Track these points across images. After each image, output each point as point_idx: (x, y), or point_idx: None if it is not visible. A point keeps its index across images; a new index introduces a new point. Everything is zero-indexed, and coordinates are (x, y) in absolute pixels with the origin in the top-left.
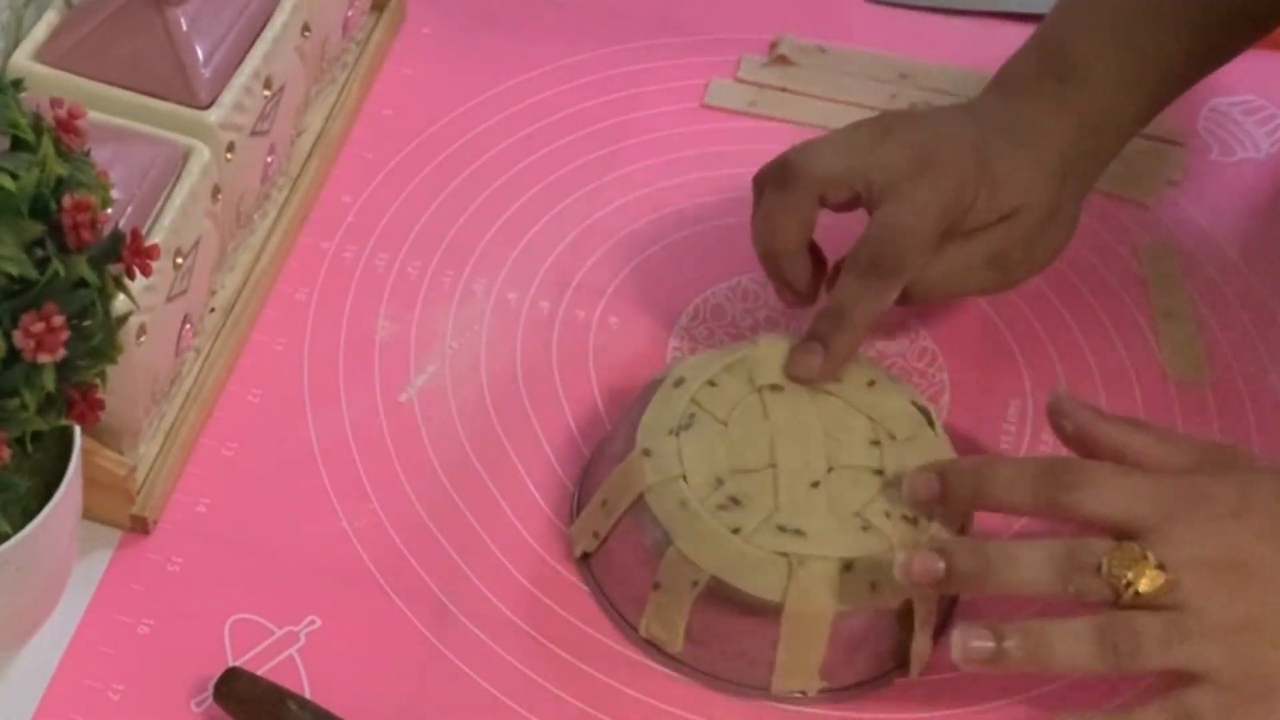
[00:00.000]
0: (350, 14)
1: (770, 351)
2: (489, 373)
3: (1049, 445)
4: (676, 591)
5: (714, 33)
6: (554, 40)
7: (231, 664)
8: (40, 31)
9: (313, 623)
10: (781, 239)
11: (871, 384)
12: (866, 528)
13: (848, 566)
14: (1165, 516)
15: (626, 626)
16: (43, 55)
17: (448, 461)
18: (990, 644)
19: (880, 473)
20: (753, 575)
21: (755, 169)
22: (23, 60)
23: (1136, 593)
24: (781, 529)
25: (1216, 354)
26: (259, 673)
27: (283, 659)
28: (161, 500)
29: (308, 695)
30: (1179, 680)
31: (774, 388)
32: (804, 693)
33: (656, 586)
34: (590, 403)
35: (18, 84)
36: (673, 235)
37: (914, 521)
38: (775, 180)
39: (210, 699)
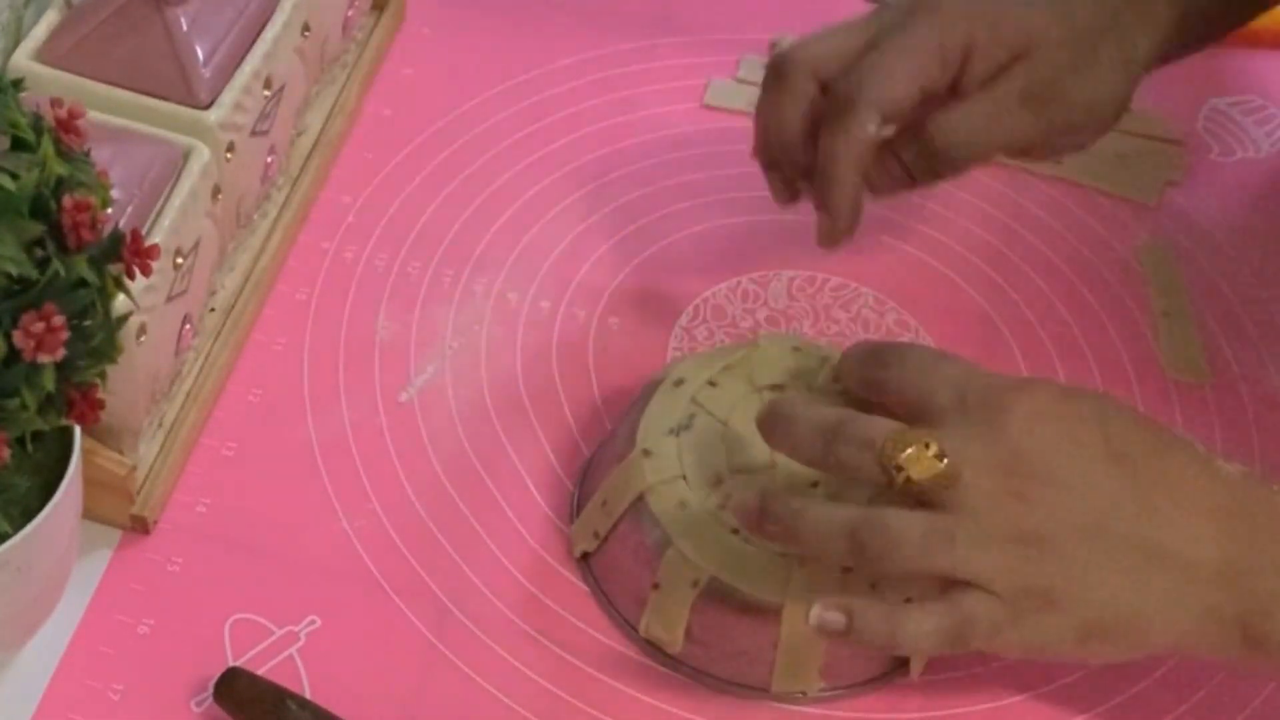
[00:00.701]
0: (350, 14)
1: (770, 352)
2: (489, 373)
3: None
4: (677, 591)
5: (714, 33)
6: (554, 40)
7: (231, 664)
8: (40, 31)
9: (313, 623)
10: (777, 126)
11: None
12: None
13: (848, 567)
14: (961, 407)
15: (626, 626)
16: (43, 55)
17: (448, 461)
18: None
19: None
20: (753, 575)
21: (755, 169)
22: (23, 60)
23: (909, 479)
24: None
25: (1216, 354)
26: (259, 673)
27: (283, 659)
28: (161, 500)
29: (308, 695)
30: (955, 585)
31: (774, 388)
32: (804, 693)
33: (656, 586)
34: (590, 403)
35: (18, 84)
36: (673, 235)
37: None
38: (771, 70)
39: (210, 699)
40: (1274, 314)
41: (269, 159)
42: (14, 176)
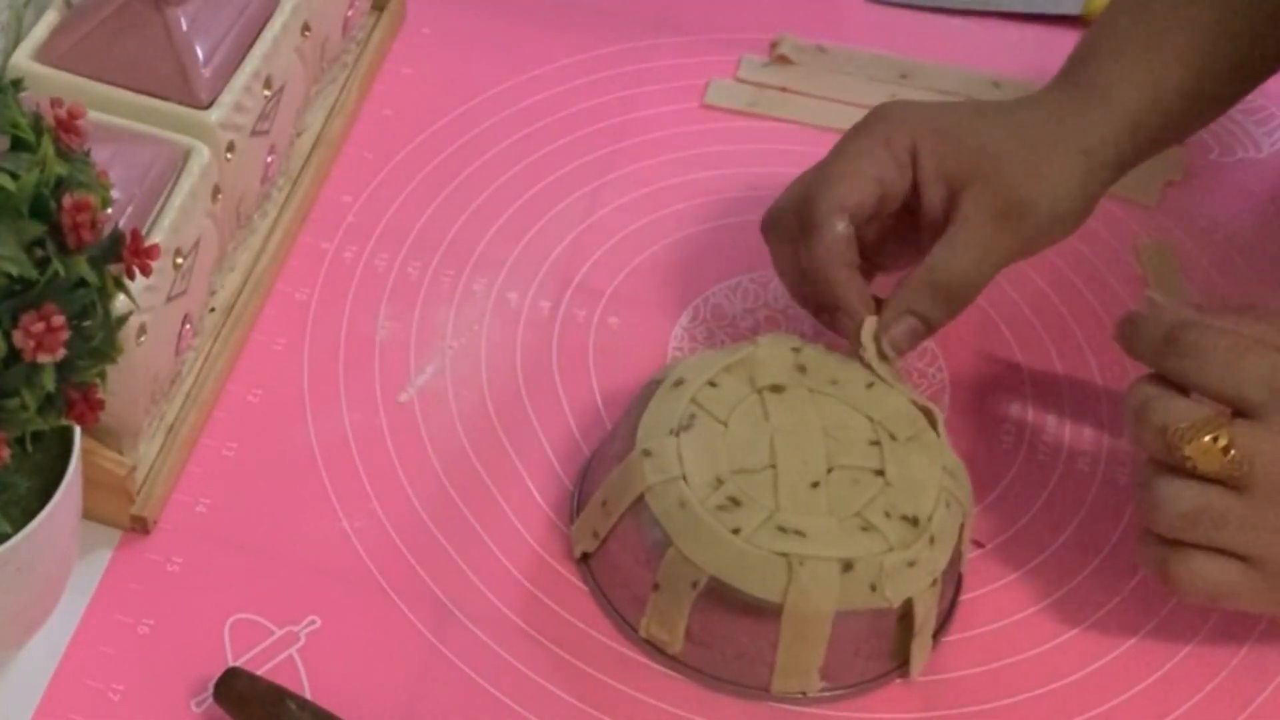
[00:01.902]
0: (350, 14)
1: (771, 352)
2: (489, 373)
3: (1049, 445)
4: (676, 592)
5: (714, 33)
6: (554, 40)
7: (231, 664)
8: (40, 31)
9: (313, 623)
10: (832, 289)
11: (871, 385)
12: (866, 528)
13: (848, 567)
14: (1268, 398)
15: (626, 627)
16: (43, 55)
17: (448, 461)
18: None
19: (880, 473)
20: (753, 576)
21: (755, 169)
22: (23, 60)
23: (1196, 467)
24: (781, 529)
25: None
26: (259, 673)
27: (283, 659)
28: (161, 500)
29: (308, 695)
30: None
31: (774, 388)
32: (804, 693)
33: (656, 587)
34: (590, 403)
35: (18, 84)
36: (673, 235)
37: (914, 522)
38: (784, 229)
39: (210, 699)
40: None
41: (269, 159)
42: (14, 176)
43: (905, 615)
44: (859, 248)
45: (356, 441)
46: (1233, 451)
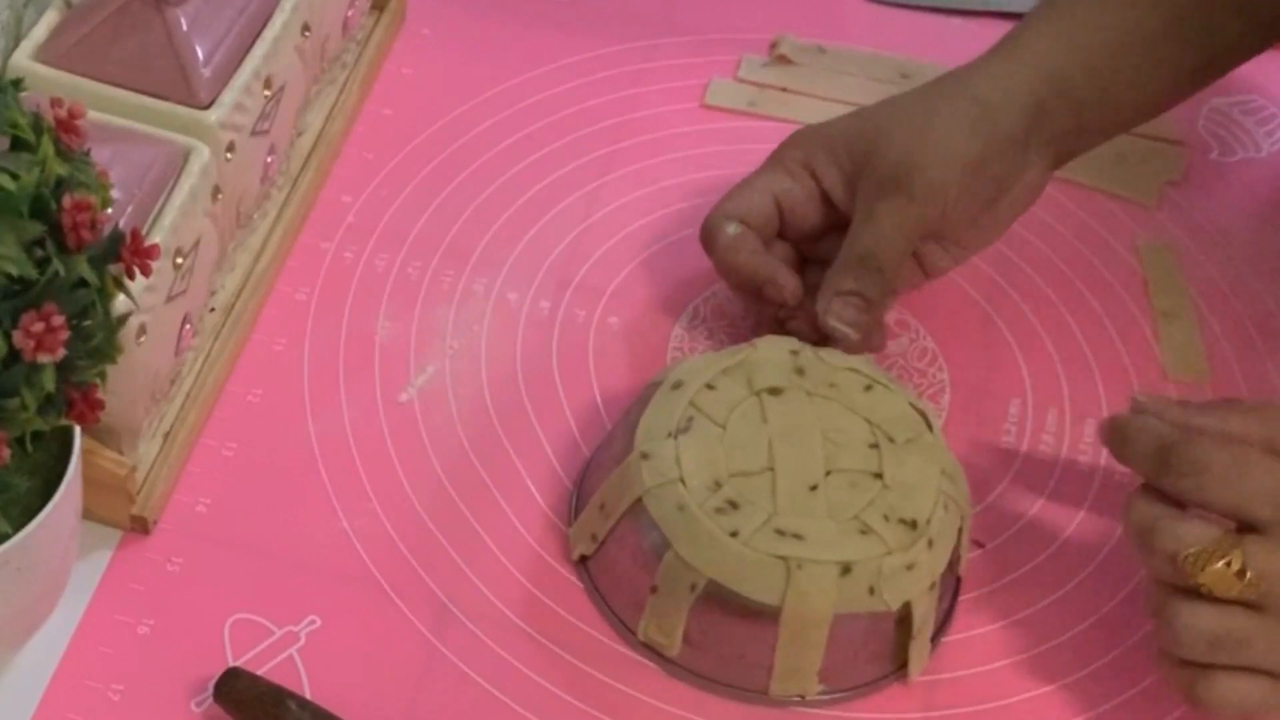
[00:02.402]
0: (350, 14)
1: (769, 354)
2: (489, 373)
3: (1049, 445)
4: (674, 595)
5: (714, 33)
6: (554, 40)
7: (231, 664)
8: (40, 31)
9: (313, 623)
10: (738, 273)
11: (869, 388)
12: (865, 531)
13: (846, 570)
14: (1273, 520)
15: (624, 630)
16: (43, 55)
17: (448, 461)
18: None
19: (879, 476)
20: (751, 579)
21: (755, 169)
22: (23, 60)
23: (1211, 592)
24: (780, 532)
25: (1216, 354)
26: (259, 673)
27: (283, 659)
28: (161, 500)
29: (308, 695)
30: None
31: (772, 391)
32: (802, 696)
33: (654, 590)
34: (590, 403)
35: (18, 84)
36: (673, 235)
37: (912, 525)
38: (703, 242)
39: (210, 699)
40: (1274, 314)
41: (269, 159)
42: (14, 176)
43: (904, 618)
44: (810, 257)
45: (356, 441)
46: (1248, 574)
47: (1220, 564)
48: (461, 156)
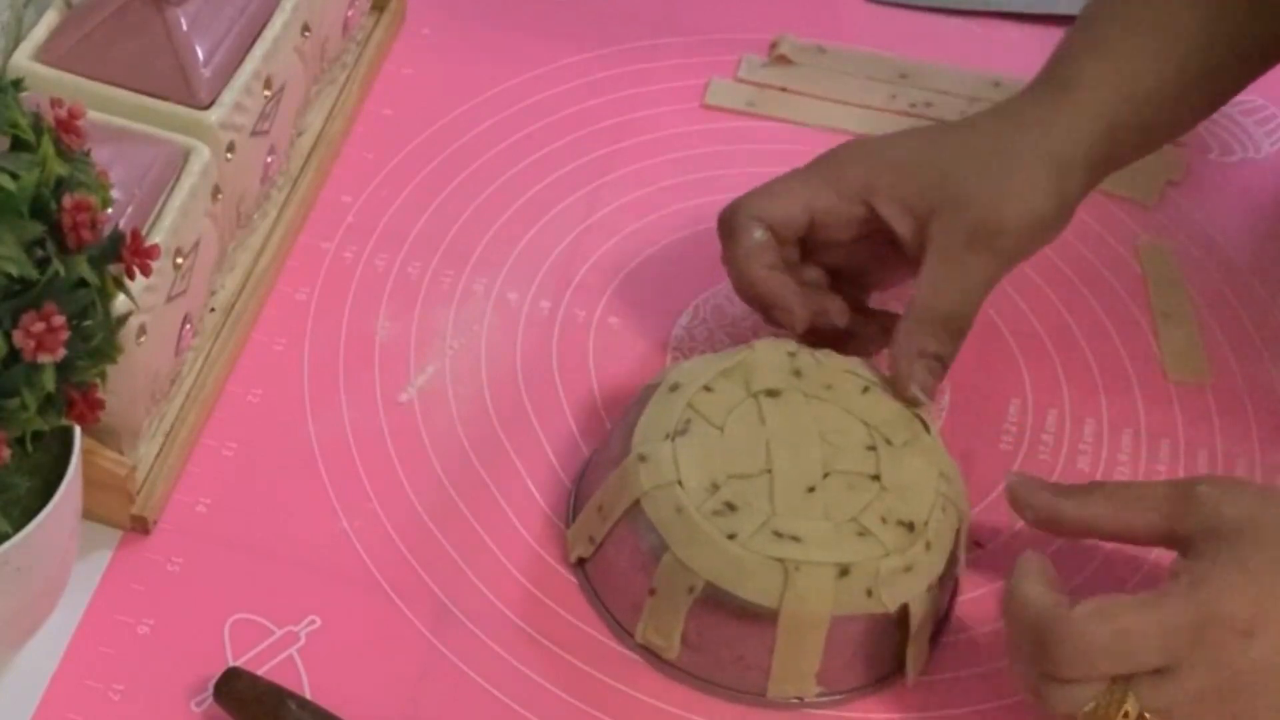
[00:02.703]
0: (350, 14)
1: (767, 356)
2: (489, 373)
3: (1048, 445)
4: (672, 598)
5: (714, 33)
6: (554, 40)
7: (231, 664)
8: (40, 31)
9: (313, 623)
10: (752, 286)
11: (866, 390)
12: (862, 533)
13: (844, 572)
14: (1166, 658)
15: (622, 632)
16: (43, 55)
17: (448, 461)
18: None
19: (876, 478)
20: (749, 581)
21: (755, 169)
22: (23, 60)
23: None
24: (777, 534)
25: (1216, 354)
26: (259, 673)
27: (283, 659)
28: (161, 500)
29: (308, 695)
30: None
31: (770, 393)
32: (800, 698)
33: (653, 592)
34: (590, 403)
35: (18, 84)
36: (673, 235)
37: (910, 527)
38: (721, 230)
39: (210, 699)
40: (1274, 314)
41: (269, 159)
42: (14, 176)
43: (901, 620)
44: (841, 270)
45: (356, 441)
46: (1147, 716)
47: (1119, 716)
48: (461, 156)
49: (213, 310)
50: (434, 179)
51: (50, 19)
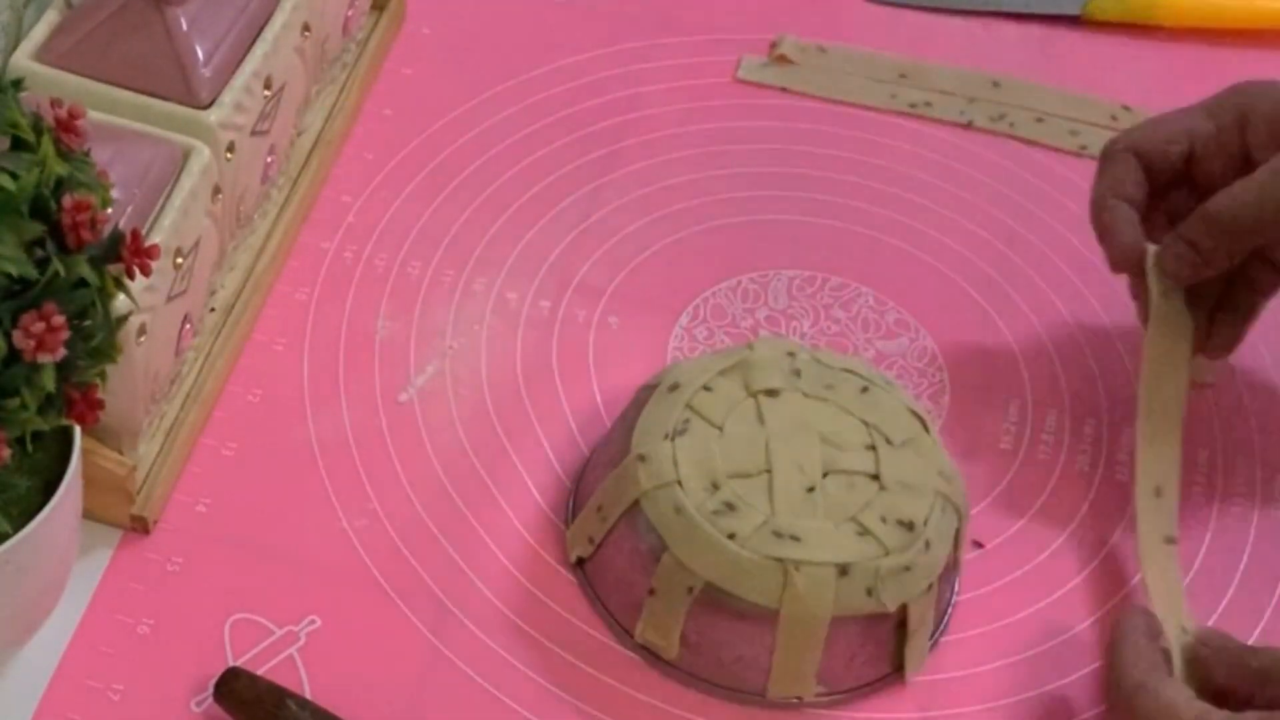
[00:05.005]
0: (350, 14)
1: (766, 355)
2: (489, 373)
3: (1048, 445)
4: (672, 597)
5: (714, 33)
6: (554, 40)
7: (231, 664)
8: (40, 31)
9: (313, 623)
10: (1094, 210)
11: (865, 390)
12: (862, 533)
13: (844, 572)
14: None
15: (622, 632)
16: (43, 55)
17: (448, 461)
18: None
19: (876, 478)
20: (748, 581)
21: (755, 169)
22: (23, 60)
23: None
24: (777, 534)
25: None
26: (259, 673)
27: (283, 659)
28: (161, 500)
29: (308, 695)
30: None
31: (769, 393)
32: (800, 698)
33: (652, 592)
34: (590, 403)
35: (18, 84)
36: (673, 235)
37: (909, 527)
38: (1099, 161)
39: (210, 699)
40: (1274, 314)
41: (269, 159)
42: (14, 176)
43: (901, 620)
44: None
45: (356, 441)
46: None
47: None
48: (461, 156)
49: (213, 310)
50: (434, 179)
51: (50, 19)
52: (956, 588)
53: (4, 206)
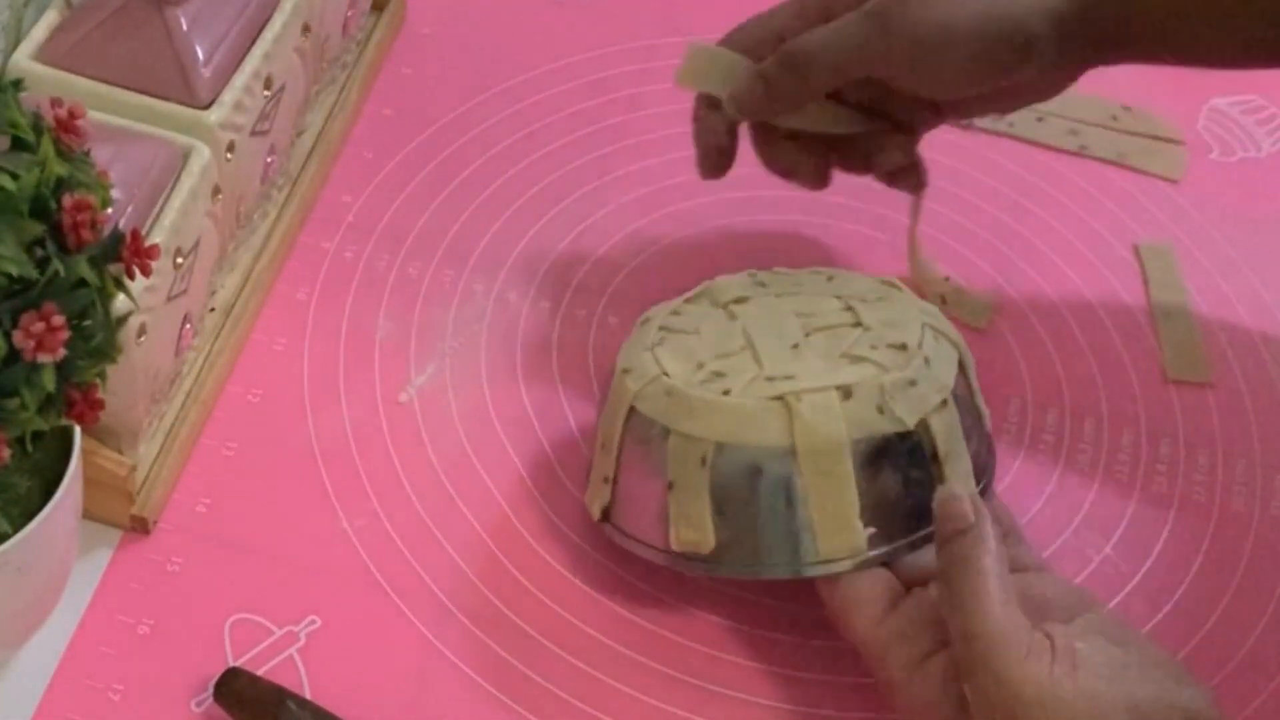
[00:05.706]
0: (350, 14)
1: (729, 279)
2: (489, 373)
3: (1049, 445)
4: (689, 479)
5: (714, 33)
6: (554, 40)
7: (231, 664)
8: (40, 31)
9: (313, 623)
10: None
11: (831, 278)
12: (856, 361)
13: (847, 394)
14: None
15: (659, 554)
16: (43, 55)
17: (448, 461)
18: None
19: (858, 324)
20: (754, 427)
21: (755, 169)
22: (23, 60)
23: None
24: (770, 379)
25: (1216, 354)
26: (259, 673)
27: (283, 659)
28: (161, 500)
29: (308, 695)
30: None
31: (738, 300)
32: (855, 554)
33: (671, 486)
34: (590, 403)
35: (18, 84)
36: (673, 235)
37: (902, 347)
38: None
39: (210, 699)
40: (1274, 314)
41: (269, 159)
42: (14, 176)
43: (934, 453)
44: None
45: (356, 441)
46: None
47: None
48: (461, 156)
49: (213, 310)
50: (434, 179)
51: (50, 19)
52: (992, 446)
53: (4, 206)
